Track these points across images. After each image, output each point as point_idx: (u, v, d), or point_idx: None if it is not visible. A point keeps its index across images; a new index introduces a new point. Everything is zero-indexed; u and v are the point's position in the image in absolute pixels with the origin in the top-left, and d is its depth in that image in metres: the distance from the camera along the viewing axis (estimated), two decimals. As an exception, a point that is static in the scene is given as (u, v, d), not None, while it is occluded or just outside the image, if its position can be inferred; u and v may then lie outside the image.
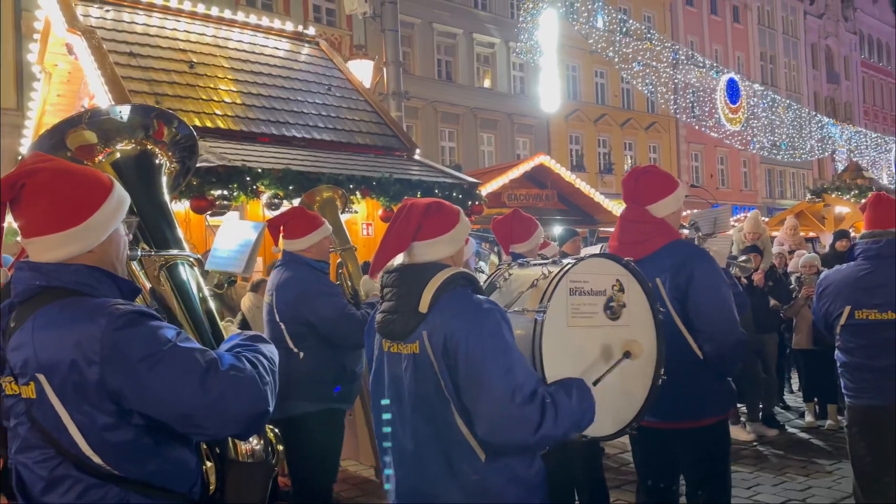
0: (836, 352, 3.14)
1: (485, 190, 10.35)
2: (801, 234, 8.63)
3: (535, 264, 2.46)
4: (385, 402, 2.07)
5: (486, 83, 25.92)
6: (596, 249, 5.54)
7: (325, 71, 8.99)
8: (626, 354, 2.22)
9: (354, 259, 4.19)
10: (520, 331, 2.16)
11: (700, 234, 4.01)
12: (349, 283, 4.08)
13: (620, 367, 2.22)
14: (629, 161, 30.10)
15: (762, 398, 6.37)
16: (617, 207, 14.73)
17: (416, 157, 8.48)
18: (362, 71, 10.47)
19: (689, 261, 2.64)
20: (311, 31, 9.83)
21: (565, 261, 2.34)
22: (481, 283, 2.65)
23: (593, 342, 2.26)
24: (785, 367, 7.65)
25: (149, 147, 1.97)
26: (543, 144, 26.22)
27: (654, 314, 2.40)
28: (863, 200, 12.42)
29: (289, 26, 9.61)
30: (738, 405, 6.28)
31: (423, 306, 1.92)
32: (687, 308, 2.61)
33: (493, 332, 1.86)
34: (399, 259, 2.09)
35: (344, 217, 4.83)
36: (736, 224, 8.91)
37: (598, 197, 13.99)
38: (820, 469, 5.26)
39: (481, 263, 7.80)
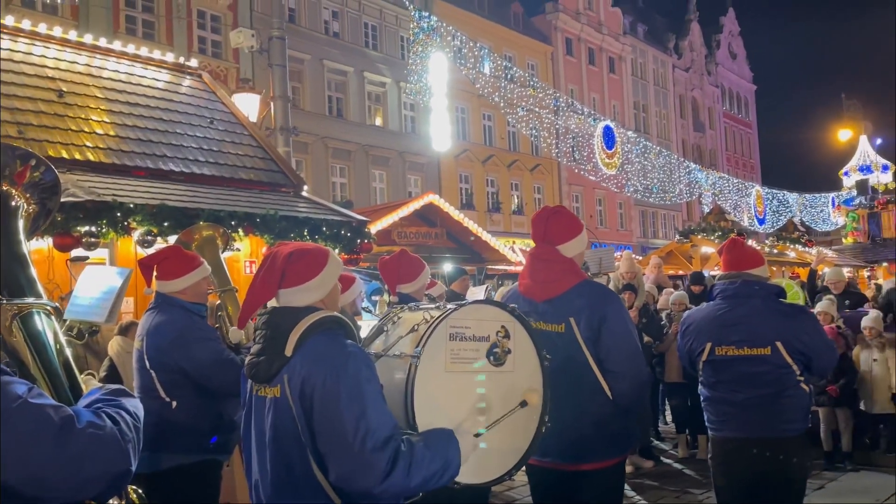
0: (700, 386, 3.34)
1: (374, 228, 10.36)
2: (664, 272, 9.18)
3: (421, 308, 2.47)
4: (252, 447, 2.02)
5: (378, 121, 26.13)
6: (481, 291, 5.67)
7: (207, 104, 8.72)
8: (523, 403, 2.25)
9: (235, 301, 4.04)
10: (397, 375, 2.15)
11: (588, 273, 4.18)
12: (228, 327, 3.92)
13: (499, 412, 2.25)
14: (516, 200, 31.14)
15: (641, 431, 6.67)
16: (503, 246, 15.16)
17: (304, 193, 8.35)
18: (248, 105, 10.26)
19: (602, 302, 2.71)
20: (194, 62, 9.54)
21: (448, 306, 2.36)
22: (373, 325, 2.64)
23: (474, 388, 2.27)
24: (658, 401, 8.06)
25: (4, 188, 1.84)
26: (434, 182, 26.65)
27: (540, 360, 2.42)
28: (721, 243, 13.40)
29: (170, 57, 9.28)
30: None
31: (289, 349, 1.91)
32: (599, 348, 2.67)
33: (351, 376, 1.85)
34: (273, 300, 2.06)
35: (226, 255, 4.65)
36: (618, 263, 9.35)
37: (486, 235, 14.32)
38: (693, 499, 5.54)
39: (368, 303, 7.74)
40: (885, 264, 18.52)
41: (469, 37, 19.13)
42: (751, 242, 14.64)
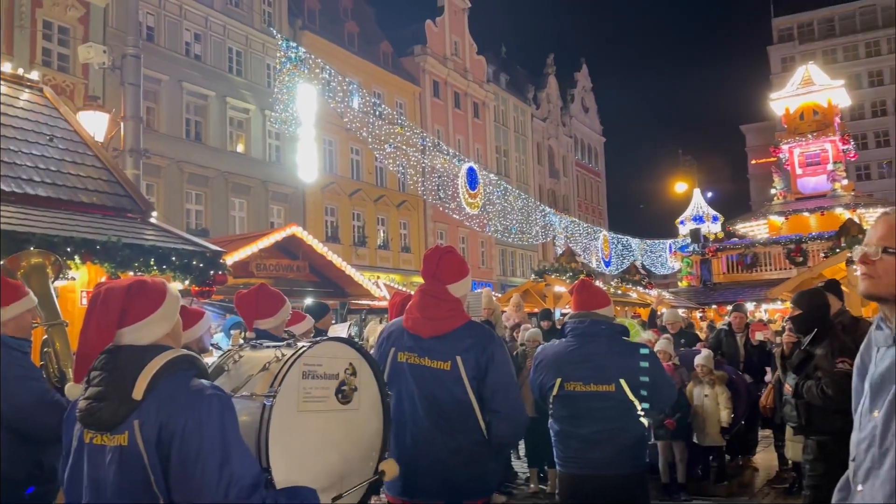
0: (550, 420, 3.46)
1: (231, 259, 9.90)
2: (525, 310, 9.52)
3: (268, 346, 2.37)
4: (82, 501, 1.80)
5: (240, 148, 25.31)
6: (343, 328, 5.55)
7: (47, 120, 8.00)
8: (381, 474, 2.23)
9: (64, 336, 3.66)
10: (245, 417, 2.03)
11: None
12: (56, 365, 3.54)
13: (345, 450, 2.20)
14: (382, 235, 31.21)
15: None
16: (368, 281, 15.06)
17: (153, 219, 7.84)
18: (95, 123, 9.54)
19: (489, 343, 2.73)
20: (36, 75, 8.77)
21: (300, 343, 2.28)
22: (213, 363, 2.47)
23: (324, 427, 2.21)
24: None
25: None
26: (299, 214, 26.12)
27: (382, 397, 2.41)
28: (572, 283, 14.09)
29: (8, 67, 8.47)
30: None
31: (138, 393, 1.73)
32: (484, 388, 2.66)
33: (215, 421, 1.72)
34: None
35: (59, 283, 4.23)
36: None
37: (350, 270, 14.16)
38: (542, 532, 5.66)
39: (217, 338, 7.33)
40: (714, 306, 20.37)
41: (338, 71, 19.13)
42: (598, 283, 15.58)
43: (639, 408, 3.22)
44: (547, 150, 48.10)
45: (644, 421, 3.27)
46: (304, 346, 2.23)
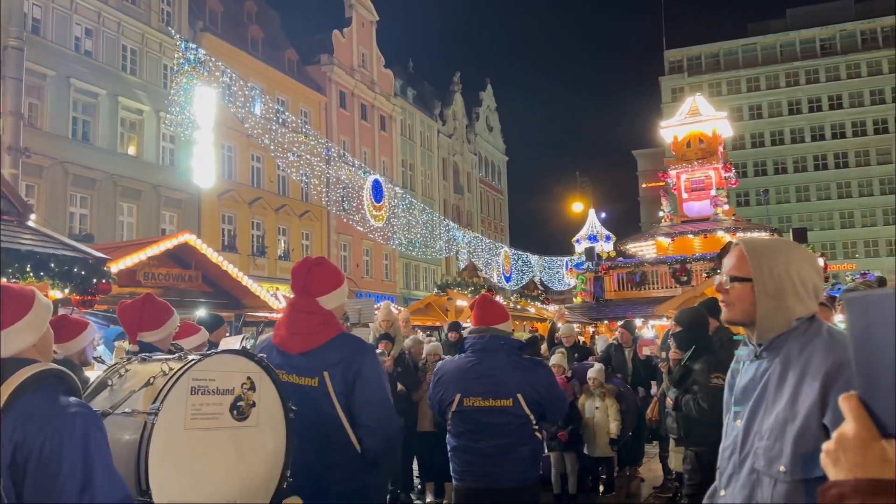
0: (448, 435, 3.47)
1: (117, 266, 9.34)
2: (410, 324, 9.51)
3: (156, 359, 2.25)
4: None
5: (131, 150, 24.05)
6: (236, 341, 5.35)
7: (-88, 110, 7.33)
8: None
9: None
10: (126, 435, 1.92)
11: (348, 324, 4.15)
12: None
13: (241, 470, 2.12)
14: (282, 245, 30.49)
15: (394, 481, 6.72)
16: (266, 292, 14.65)
17: (31, 223, 7.31)
18: (-31, 117, 8.82)
19: (357, 355, 2.66)
20: None
21: (190, 357, 2.19)
22: (96, 377, 2.32)
23: (216, 446, 2.12)
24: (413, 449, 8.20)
25: None
26: (193, 221, 25.09)
27: (285, 413, 2.34)
28: (473, 298, 14.29)
29: None
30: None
31: None
32: (353, 402, 2.61)
33: (78, 441, 1.61)
34: None
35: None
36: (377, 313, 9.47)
37: (247, 280, 13.70)
38: (436, 546, 5.66)
39: (100, 350, 6.91)
40: (606, 322, 21.22)
41: (240, 75, 18.62)
42: (499, 298, 15.89)
43: (534, 421, 3.29)
44: (452, 165, 48.74)
45: (538, 435, 3.35)
46: (193, 360, 2.14)
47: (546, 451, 7.06)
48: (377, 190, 20.35)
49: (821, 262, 21.21)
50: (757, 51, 60.25)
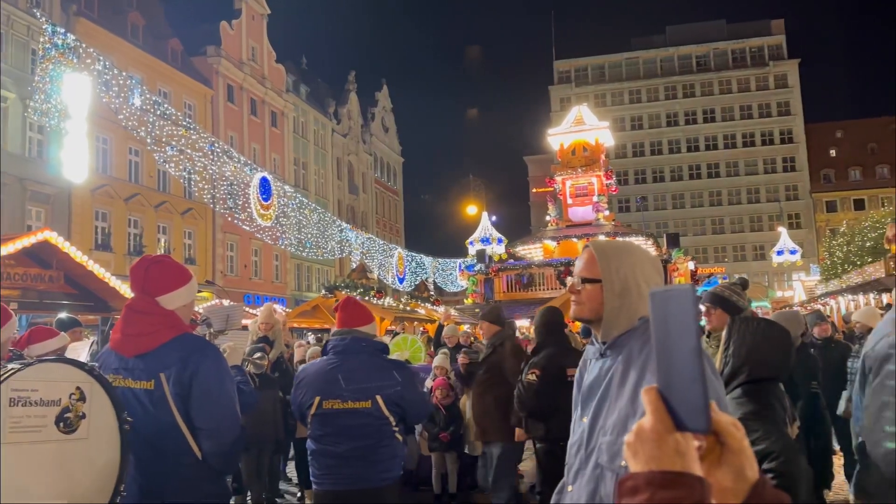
0: (308, 440, 3.42)
1: (-34, 266, 8.49)
2: (300, 326, 9.33)
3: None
4: None
5: (-8, 140, 22.11)
6: (84, 347, 5.01)
7: None
8: None
9: None
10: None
11: (212, 329, 3.97)
12: None
13: (66, 486, 1.96)
14: (163, 244, 29.00)
15: (265, 487, 6.53)
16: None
17: None
18: None
19: (194, 355, 2.54)
20: None
21: (10, 365, 2.00)
22: None
23: (39, 461, 1.95)
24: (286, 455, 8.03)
25: None
26: (63, 217, 23.40)
27: (120, 424, 2.21)
28: (368, 298, 14.05)
29: None
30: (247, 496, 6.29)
31: None
32: (190, 405, 2.49)
33: None
34: None
35: None
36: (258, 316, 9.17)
37: (115, 282, 12.84)
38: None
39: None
40: (495, 322, 21.64)
41: (117, 64, 17.54)
42: (389, 300, 15.84)
43: (394, 423, 3.29)
44: (347, 165, 48.21)
45: (399, 437, 3.35)
46: (11, 369, 1.96)
47: (427, 451, 7.09)
48: (265, 188, 19.75)
49: (691, 265, 22.68)
50: (639, 65, 63.65)
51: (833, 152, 58.14)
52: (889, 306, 14.66)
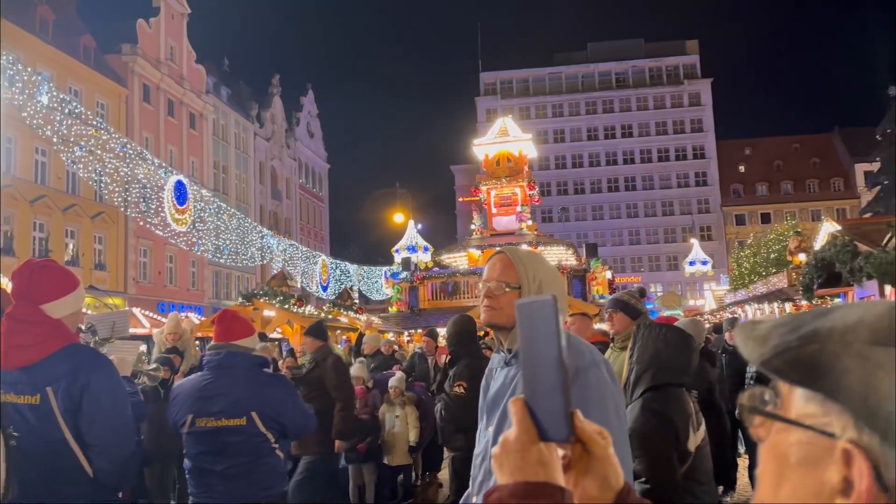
0: (185, 459, 3.26)
1: None
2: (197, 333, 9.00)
3: None
4: None
5: None
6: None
7: None
8: None
9: None
10: None
11: (97, 338, 3.74)
12: None
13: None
14: (70, 249, 27.52)
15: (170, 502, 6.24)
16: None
17: None
18: None
19: (84, 367, 2.38)
20: None
21: None
22: None
23: None
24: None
25: None
26: (-43, 220, 21.84)
27: (4, 441, 2.04)
28: (288, 306, 13.70)
29: None
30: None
31: None
32: (80, 420, 2.33)
33: None
34: None
35: None
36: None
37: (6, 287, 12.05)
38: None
39: None
40: (419, 331, 21.62)
41: (23, 59, 16.57)
42: (310, 308, 15.52)
43: (272, 440, 3.19)
44: (270, 170, 47.18)
45: (279, 453, 3.24)
46: None
47: (343, 462, 6.97)
48: (180, 191, 19.04)
49: (609, 274, 23.34)
50: (562, 80, 65.35)
51: (742, 168, 61.32)
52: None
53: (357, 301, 23.58)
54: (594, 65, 64.66)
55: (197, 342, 9.34)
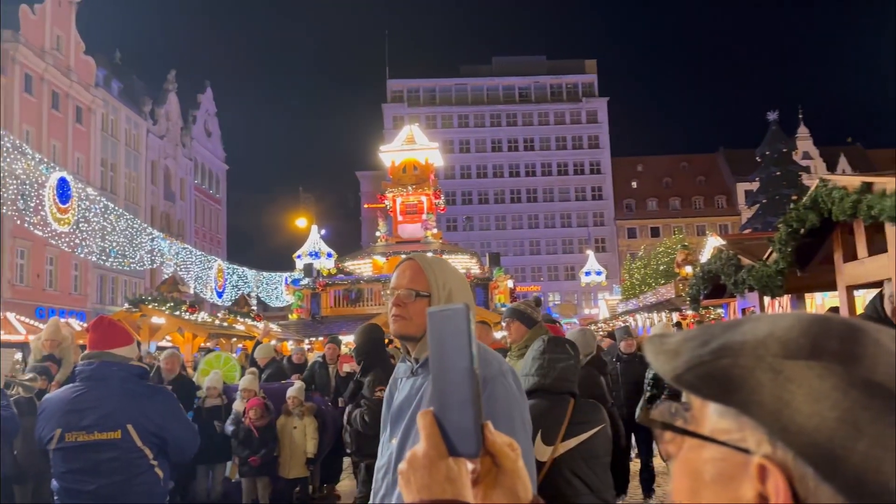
0: (52, 479, 3.01)
1: None
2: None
3: None
4: None
5: None
6: None
7: None
8: None
9: None
10: None
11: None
12: None
13: None
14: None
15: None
16: None
17: None
18: None
19: None
20: None
21: None
22: None
23: None
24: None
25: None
26: None
27: None
28: (179, 313, 13.10)
29: None
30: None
31: None
32: None
33: None
34: None
35: None
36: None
37: None
38: None
39: None
40: (321, 339, 21.21)
41: None
42: (204, 315, 14.85)
43: (150, 456, 2.97)
44: (163, 169, 45.05)
45: (158, 471, 3.02)
46: None
47: (238, 475, 6.67)
48: (63, 189, 17.78)
49: (511, 283, 23.82)
50: (468, 92, 66.41)
51: (634, 184, 64.45)
52: (678, 324, 16.24)
53: (255, 308, 22.89)
54: (499, 78, 66.12)
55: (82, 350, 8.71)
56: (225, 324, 14.62)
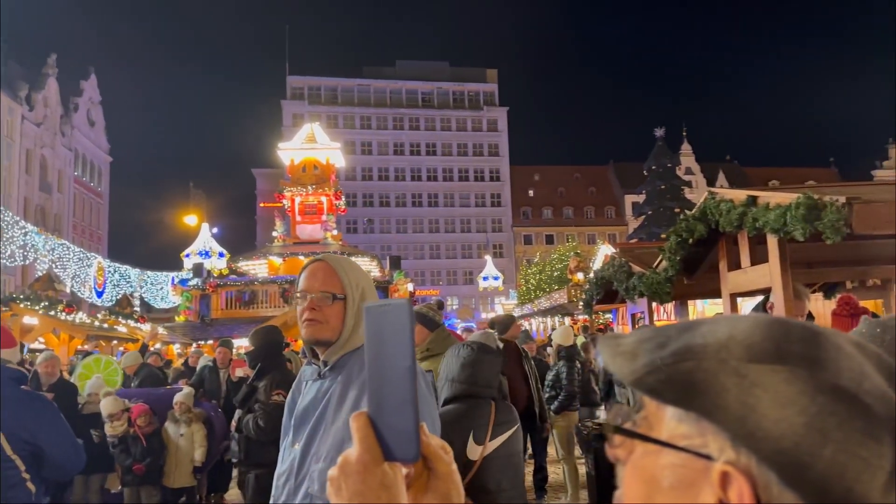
0: None
1: None
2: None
3: None
4: None
5: None
6: None
7: None
8: None
9: None
10: None
11: None
12: None
13: None
14: None
15: None
16: None
17: None
18: None
19: None
20: None
21: None
22: None
23: None
24: None
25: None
26: None
27: None
28: (55, 313, 12.18)
29: None
30: None
31: None
32: None
33: None
34: None
35: None
36: None
37: None
38: None
39: None
40: (211, 342, 20.34)
41: None
42: (82, 315, 13.86)
43: (22, 469, 2.72)
44: (39, 159, 41.87)
45: (31, 486, 2.75)
46: None
47: (120, 486, 6.26)
48: (-80, 176, 16.11)
49: (411, 286, 23.85)
50: (370, 93, 66.10)
51: (531, 192, 66.38)
52: (586, 328, 16.75)
53: (138, 309, 21.69)
54: (402, 82, 66.23)
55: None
56: (105, 325, 13.72)
